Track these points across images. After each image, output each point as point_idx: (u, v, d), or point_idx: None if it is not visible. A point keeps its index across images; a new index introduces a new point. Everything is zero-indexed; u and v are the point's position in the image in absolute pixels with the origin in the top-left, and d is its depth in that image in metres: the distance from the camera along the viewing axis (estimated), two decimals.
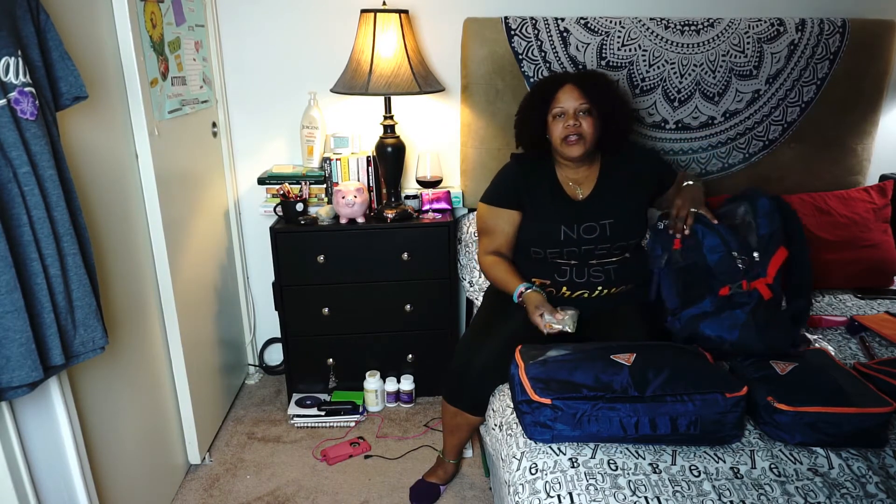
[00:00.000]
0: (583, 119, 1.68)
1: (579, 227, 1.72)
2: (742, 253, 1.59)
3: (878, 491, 1.21)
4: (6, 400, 1.11)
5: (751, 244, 1.60)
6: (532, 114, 1.75)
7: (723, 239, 1.61)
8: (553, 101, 1.70)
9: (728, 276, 1.58)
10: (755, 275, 1.56)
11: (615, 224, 1.72)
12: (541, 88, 1.75)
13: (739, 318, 1.53)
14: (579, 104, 1.67)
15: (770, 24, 2.20)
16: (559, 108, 1.69)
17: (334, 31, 2.24)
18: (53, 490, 1.32)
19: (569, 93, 1.68)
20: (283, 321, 2.25)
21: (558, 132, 1.69)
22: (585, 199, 1.76)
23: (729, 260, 1.59)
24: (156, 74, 1.72)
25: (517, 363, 1.45)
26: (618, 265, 1.74)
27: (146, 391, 1.76)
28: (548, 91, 1.72)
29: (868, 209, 2.24)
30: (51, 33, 1.15)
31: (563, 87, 1.69)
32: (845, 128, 2.34)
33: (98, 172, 1.49)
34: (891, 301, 2.11)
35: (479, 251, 1.83)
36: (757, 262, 1.57)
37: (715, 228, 1.62)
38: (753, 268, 1.57)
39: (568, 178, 1.79)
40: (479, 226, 1.84)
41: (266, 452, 2.12)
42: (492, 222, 1.80)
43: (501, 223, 1.78)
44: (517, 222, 1.78)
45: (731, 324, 1.54)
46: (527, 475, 1.30)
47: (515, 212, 1.78)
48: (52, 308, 1.12)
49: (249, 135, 2.38)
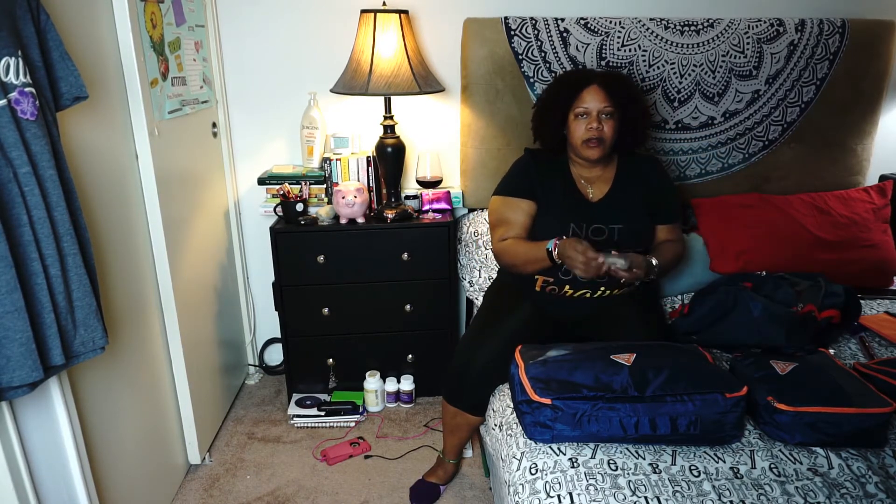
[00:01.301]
0: (605, 122, 1.66)
1: (588, 228, 1.70)
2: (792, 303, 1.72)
3: (877, 491, 1.21)
4: (6, 400, 1.11)
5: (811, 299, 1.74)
6: (553, 108, 1.72)
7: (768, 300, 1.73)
8: (577, 100, 1.67)
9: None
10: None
11: (624, 230, 1.70)
12: (565, 83, 1.72)
13: (757, 308, 1.65)
14: (603, 106, 1.65)
15: (770, 25, 2.20)
16: (583, 108, 1.66)
17: (334, 31, 2.24)
18: (53, 490, 1.32)
19: (594, 93, 1.66)
20: (283, 321, 2.25)
21: (580, 133, 1.67)
22: (598, 201, 1.75)
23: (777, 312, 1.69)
24: (156, 74, 1.72)
25: (517, 363, 1.45)
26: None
27: (146, 391, 1.76)
28: (573, 88, 1.68)
29: (868, 209, 2.24)
30: (51, 33, 1.15)
31: (588, 86, 1.66)
32: (845, 128, 2.34)
33: (98, 172, 1.49)
34: (891, 301, 2.11)
35: (493, 241, 1.78)
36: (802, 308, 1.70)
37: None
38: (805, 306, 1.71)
39: (581, 175, 1.78)
40: (493, 219, 1.80)
41: (266, 452, 2.12)
42: (507, 213, 1.75)
43: (517, 213, 1.74)
44: (533, 212, 1.75)
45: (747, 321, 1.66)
46: (527, 475, 1.30)
47: (531, 202, 1.75)
48: (53, 308, 1.12)
49: (249, 135, 2.38)
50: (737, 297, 1.73)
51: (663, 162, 2.29)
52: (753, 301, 1.69)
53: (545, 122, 1.77)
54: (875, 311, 2.02)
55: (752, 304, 1.69)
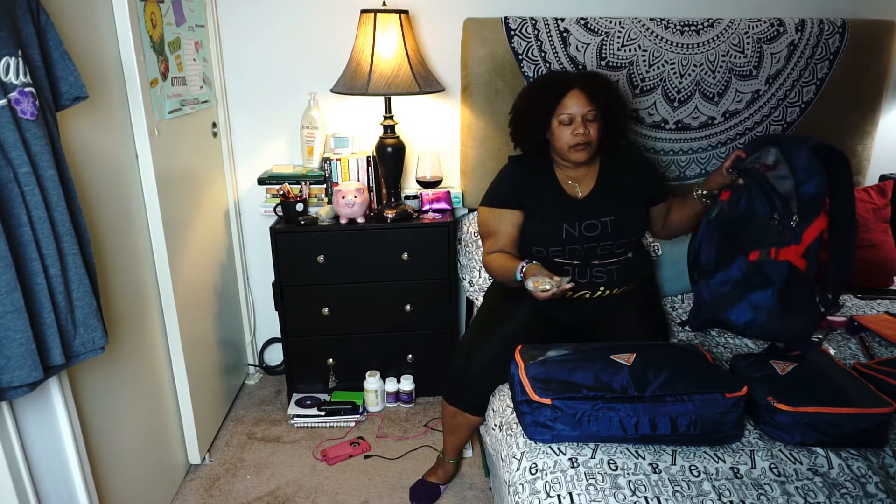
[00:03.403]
0: (590, 125, 1.66)
1: (581, 225, 1.71)
2: (784, 216, 1.49)
3: (877, 491, 1.21)
4: (6, 400, 1.12)
5: (790, 206, 1.50)
6: (534, 115, 1.71)
7: (766, 194, 1.51)
8: (559, 106, 1.66)
9: (761, 237, 1.50)
10: (786, 240, 1.47)
11: (616, 221, 1.72)
12: (544, 89, 1.71)
13: (768, 301, 1.47)
14: (587, 110, 1.65)
15: (770, 25, 2.20)
16: (567, 114, 1.65)
17: (334, 31, 2.24)
18: (53, 490, 1.32)
19: (576, 98, 1.65)
20: (283, 321, 2.25)
21: (566, 139, 1.67)
22: (585, 198, 1.76)
23: (769, 218, 1.50)
24: (156, 75, 1.72)
25: (517, 363, 1.45)
26: (620, 265, 1.74)
27: (146, 391, 1.76)
28: (553, 94, 1.67)
29: (868, 209, 2.24)
30: (51, 33, 1.15)
31: (569, 91, 1.65)
32: (845, 128, 2.34)
33: (98, 172, 1.49)
34: (891, 301, 2.11)
35: (483, 254, 1.80)
36: (792, 228, 1.48)
37: (763, 184, 1.53)
38: (786, 231, 1.47)
39: (567, 177, 1.78)
40: (482, 230, 1.82)
41: (266, 452, 2.12)
42: (494, 224, 1.77)
43: (504, 224, 1.76)
44: (519, 222, 1.76)
45: (758, 306, 1.48)
46: (527, 475, 1.30)
47: (518, 211, 1.76)
48: (53, 308, 1.12)
49: (249, 135, 2.38)
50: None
51: (664, 162, 2.30)
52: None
53: (524, 130, 1.75)
54: (875, 311, 2.02)
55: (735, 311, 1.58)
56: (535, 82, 1.81)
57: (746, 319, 1.48)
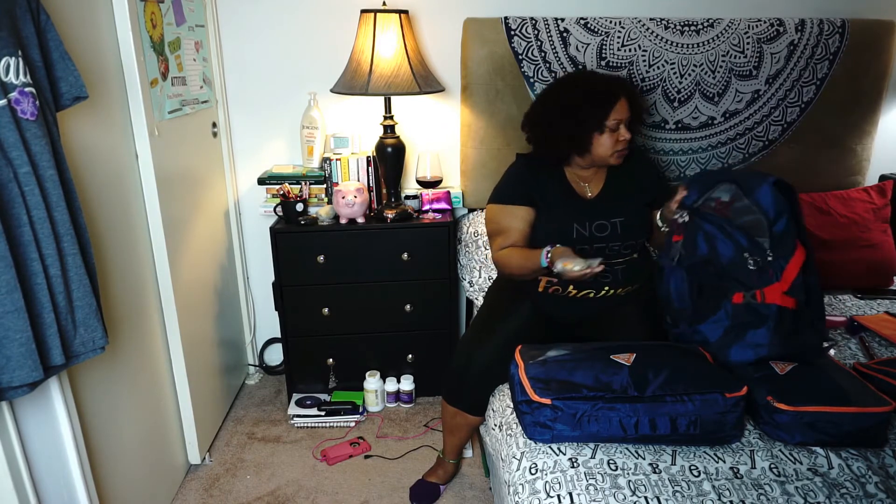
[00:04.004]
0: (627, 130, 1.68)
1: (591, 225, 1.71)
2: (754, 252, 1.41)
3: (877, 491, 1.21)
4: (6, 400, 1.12)
5: (759, 242, 1.42)
6: (583, 126, 1.67)
7: (726, 234, 1.44)
8: (608, 116, 1.66)
9: (741, 279, 1.43)
10: (768, 280, 1.41)
11: (625, 222, 1.72)
12: (593, 100, 1.67)
13: (764, 338, 1.42)
14: (627, 117, 1.68)
15: (770, 25, 2.20)
16: (616, 121, 1.66)
17: (334, 31, 2.24)
18: (53, 490, 1.32)
19: (622, 105, 1.66)
20: (283, 321, 2.25)
21: (610, 144, 1.67)
22: (595, 198, 1.76)
23: (740, 259, 1.42)
24: (156, 75, 1.72)
25: (517, 363, 1.45)
26: (625, 265, 1.74)
27: (146, 391, 1.76)
28: (604, 105, 1.66)
29: (868, 209, 2.24)
30: (51, 33, 1.15)
31: (618, 101, 1.66)
32: (845, 128, 2.34)
33: (98, 172, 1.49)
34: (890, 301, 2.11)
35: (493, 250, 1.78)
36: (771, 263, 1.41)
37: (717, 223, 1.47)
38: (767, 269, 1.40)
39: (578, 177, 1.78)
40: (491, 228, 1.78)
41: (266, 452, 2.12)
42: (505, 222, 1.74)
43: (516, 221, 1.73)
44: (531, 219, 1.74)
45: (757, 344, 1.42)
46: (527, 475, 1.30)
47: (529, 208, 1.74)
48: (53, 308, 1.12)
49: (249, 135, 2.38)
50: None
51: (664, 162, 2.30)
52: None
53: (563, 138, 1.71)
54: (875, 311, 2.02)
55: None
56: (574, 92, 1.71)
57: (750, 357, 1.42)
